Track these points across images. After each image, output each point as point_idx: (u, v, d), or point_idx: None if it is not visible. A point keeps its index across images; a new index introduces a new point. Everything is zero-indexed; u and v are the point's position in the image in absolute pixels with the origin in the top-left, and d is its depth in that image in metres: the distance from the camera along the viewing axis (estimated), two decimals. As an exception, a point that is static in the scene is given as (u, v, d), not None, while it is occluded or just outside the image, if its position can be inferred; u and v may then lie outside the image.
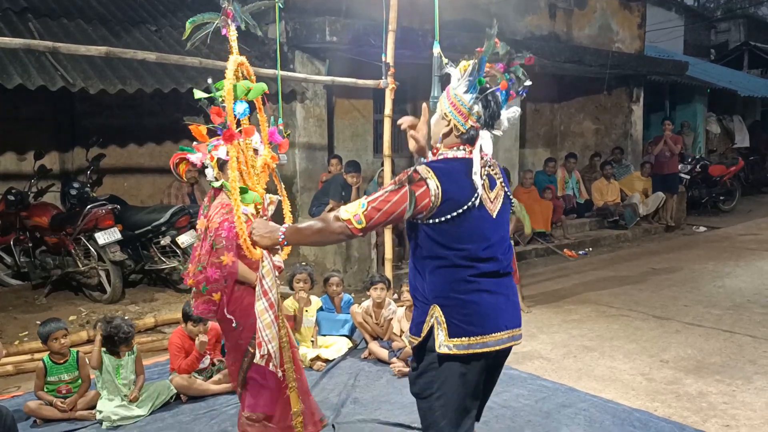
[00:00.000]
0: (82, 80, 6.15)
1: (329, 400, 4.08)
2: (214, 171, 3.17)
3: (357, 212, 2.21)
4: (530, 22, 9.93)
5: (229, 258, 3.00)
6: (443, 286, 2.28)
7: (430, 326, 2.28)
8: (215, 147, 3.16)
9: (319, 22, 7.05)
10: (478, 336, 2.26)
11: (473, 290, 2.27)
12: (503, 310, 2.33)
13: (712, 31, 22.79)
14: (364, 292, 5.63)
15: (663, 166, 10.73)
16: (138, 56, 4.70)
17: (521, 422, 3.70)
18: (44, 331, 3.92)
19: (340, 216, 2.23)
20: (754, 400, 4.01)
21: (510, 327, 2.34)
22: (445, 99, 2.38)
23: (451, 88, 2.37)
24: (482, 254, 2.28)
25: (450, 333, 2.25)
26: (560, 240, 9.25)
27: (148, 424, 3.81)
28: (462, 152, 2.33)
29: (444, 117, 2.36)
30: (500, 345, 2.31)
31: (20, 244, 6.69)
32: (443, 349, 2.25)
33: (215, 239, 3.03)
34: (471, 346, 2.25)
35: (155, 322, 5.58)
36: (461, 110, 2.31)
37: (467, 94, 2.30)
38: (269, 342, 2.75)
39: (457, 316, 2.26)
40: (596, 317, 5.85)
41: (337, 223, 2.23)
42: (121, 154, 7.90)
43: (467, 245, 2.26)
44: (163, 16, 7.97)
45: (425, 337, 2.31)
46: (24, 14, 6.86)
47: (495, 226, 2.34)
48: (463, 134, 2.32)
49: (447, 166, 2.29)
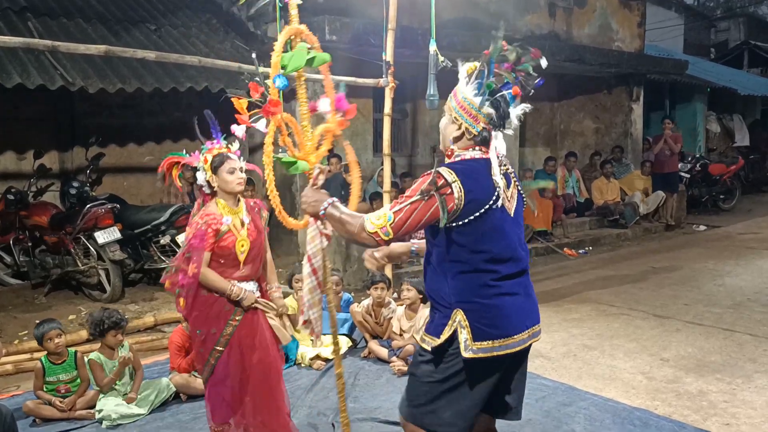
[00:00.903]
0: (81, 79, 6.13)
1: (329, 399, 4.08)
2: (207, 174, 3.16)
3: (384, 225, 2.23)
4: (530, 21, 9.91)
5: (192, 269, 3.02)
6: (466, 291, 2.30)
7: (453, 330, 2.30)
8: (209, 150, 3.15)
9: (318, 21, 7.03)
10: (502, 339, 2.28)
11: (495, 294, 2.30)
12: (524, 309, 2.36)
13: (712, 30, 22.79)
14: (363, 291, 5.62)
15: (663, 165, 10.72)
16: (137, 55, 4.69)
17: (521, 421, 3.66)
18: (38, 333, 3.92)
19: (367, 228, 2.25)
20: (754, 399, 4.01)
21: (530, 326, 2.37)
22: (453, 101, 2.38)
23: (459, 90, 2.36)
24: (504, 255, 2.30)
25: (474, 337, 2.27)
26: (560, 239, 9.24)
27: (148, 423, 3.81)
28: (478, 153, 2.34)
29: (454, 121, 2.36)
30: (522, 345, 2.34)
31: (20, 244, 6.69)
32: (468, 353, 2.27)
33: (188, 248, 3.06)
34: (494, 348, 2.27)
35: (155, 321, 5.58)
36: (471, 113, 2.31)
37: (477, 97, 2.30)
38: (311, 308, 2.74)
39: (481, 320, 2.28)
40: (596, 316, 5.85)
41: (364, 234, 2.26)
42: (121, 154, 7.89)
43: (489, 246, 2.28)
44: (163, 15, 7.96)
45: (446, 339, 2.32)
46: (23, 13, 6.85)
47: (514, 224, 2.37)
48: (476, 137, 2.33)
49: (467, 167, 2.30)
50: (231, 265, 3.15)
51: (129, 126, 7.81)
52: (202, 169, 3.16)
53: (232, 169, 3.14)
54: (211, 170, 3.14)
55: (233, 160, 3.16)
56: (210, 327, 3.13)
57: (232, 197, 3.19)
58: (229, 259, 3.14)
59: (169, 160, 3.26)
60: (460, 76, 2.38)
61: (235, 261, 3.15)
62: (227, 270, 3.14)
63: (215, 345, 3.13)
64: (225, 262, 3.13)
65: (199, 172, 3.19)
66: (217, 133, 3.21)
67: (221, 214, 3.13)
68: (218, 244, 3.10)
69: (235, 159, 3.17)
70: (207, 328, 3.14)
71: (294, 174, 7.65)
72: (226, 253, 3.12)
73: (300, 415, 3.85)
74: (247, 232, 3.18)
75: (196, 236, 3.06)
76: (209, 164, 3.13)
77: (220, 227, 3.10)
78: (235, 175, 3.14)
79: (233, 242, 3.12)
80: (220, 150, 3.17)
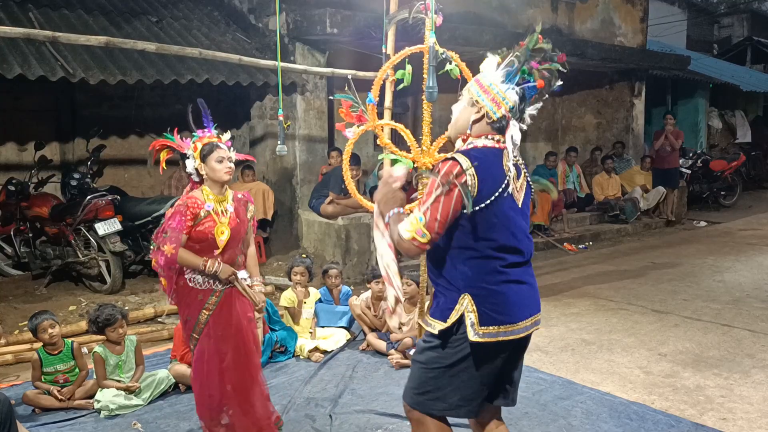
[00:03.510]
0: (82, 71, 6.14)
1: (327, 391, 4.10)
2: (196, 162, 3.19)
3: (418, 227, 2.24)
4: (532, 15, 9.88)
5: (169, 249, 3.04)
6: (475, 276, 2.33)
7: (459, 314, 2.33)
8: (199, 138, 3.18)
9: (319, 14, 7.03)
10: (507, 325, 2.32)
11: (503, 281, 2.33)
12: (528, 297, 2.40)
13: (715, 26, 22.72)
14: (363, 284, 5.63)
15: (664, 161, 10.69)
16: (138, 46, 4.69)
17: (518, 414, 3.70)
18: (32, 325, 3.95)
19: (404, 236, 2.27)
20: (751, 394, 4.02)
21: (533, 314, 2.41)
22: (474, 86, 2.41)
23: (484, 77, 2.39)
24: (510, 243, 2.34)
25: (481, 322, 2.30)
26: (560, 234, 9.25)
27: (147, 413, 3.83)
28: (491, 141, 2.38)
29: (475, 104, 2.39)
30: (524, 332, 2.38)
31: (20, 235, 6.71)
32: (474, 337, 2.30)
33: (165, 227, 3.09)
34: (499, 334, 2.31)
35: (155, 312, 5.60)
36: (495, 98, 2.34)
37: (504, 84, 2.34)
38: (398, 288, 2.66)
39: (488, 306, 2.31)
40: (595, 311, 5.86)
41: (405, 243, 2.28)
42: (122, 145, 7.90)
43: (497, 234, 2.32)
44: (164, 7, 7.96)
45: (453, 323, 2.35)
46: (24, 4, 6.85)
47: (521, 214, 2.40)
48: (494, 122, 2.36)
49: (481, 155, 2.32)
50: (208, 251, 3.17)
51: (130, 118, 7.82)
52: (192, 156, 3.19)
53: (221, 158, 3.17)
54: (200, 158, 3.17)
55: (222, 150, 3.19)
56: (187, 313, 3.20)
57: (218, 186, 3.22)
58: (205, 245, 3.16)
59: (159, 142, 3.29)
60: (485, 67, 2.41)
61: (213, 246, 3.17)
62: (203, 256, 3.17)
63: (192, 332, 3.20)
64: (200, 248, 3.16)
65: (188, 160, 3.22)
66: (208, 122, 3.25)
67: (203, 201, 3.17)
68: (195, 228, 3.13)
69: (225, 149, 3.20)
70: (185, 313, 3.21)
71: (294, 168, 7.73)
72: (202, 239, 3.15)
73: (297, 407, 3.87)
74: (228, 220, 3.21)
75: (174, 216, 3.09)
76: (199, 152, 3.16)
77: (199, 211, 3.14)
78: (223, 164, 3.17)
79: (212, 228, 3.16)
80: (211, 139, 3.20)
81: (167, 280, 3.16)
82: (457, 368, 2.36)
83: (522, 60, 2.33)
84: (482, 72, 2.42)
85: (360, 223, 6.95)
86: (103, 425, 3.70)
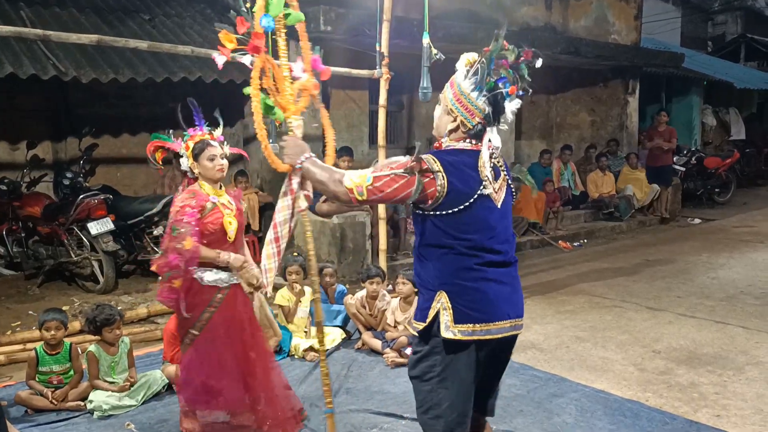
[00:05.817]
0: (74, 69, 6.10)
1: (321, 390, 4.07)
2: (188, 161, 3.19)
3: (361, 185, 2.27)
4: (526, 13, 9.87)
5: (191, 242, 3.00)
6: (449, 273, 2.31)
7: (435, 312, 2.31)
8: (191, 137, 3.17)
9: (313, 12, 6.99)
10: (483, 323, 2.29)
11: (479, 278, 2.31)
12: (508, 299, 2.36)
13: (710, 24, 22.73)
14: (358, 283, 5.62)
15: (657, 159, 10.72)
16: (130, 45, 4.65)
17: (513, 412, 3.70)
18: (41, 318, 3.93)
19: (345, 183, 2.30)
20: (745, 391, 4.03)
21: (512, 317, 2.36)
22: (449, 92, 2.39)
23: (456, 82, 2.37)
24: (487, 244, 2.31)
25: (455, 319, 2.27)
26: (555, 231, 9.26)
27: (140, 414, 3.81)
28: (469, 144, 2.36)
29: (450, 113, 2.37)
30: (503, 333, 2.34)
31: (13, 234, 6.67)
32: (448, 334, 2.27)
33: (174, 224, 3.05)
34: (475, 332, 2.28)
35: (148, 312, 5.56)
36: (468, 107, 2.32)
37: (474, 92, 2.31)
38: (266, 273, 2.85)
39: (463, 303, 2.28)
40: (589, 308, 5.86)
41: (341, 188, 2.31)
42: (115, 144, 7.86)
43: (473, 235, 2.29)
44: (157, 5, 7.91)
45: (430, 322, 2.33)
46: (16, 2, 6.80)
47: (500, 216, 2.37)
48: (470, 130, 2.34)
49: (454, 158, 2.31)
50: (218, 243, 3.16)
51: (123, 116, 7.78)
52: (185, 155, 3.19)
53: (212, 156, 3.16)
54: (192, 157, 3.15)
55: (214, 147, 3.18)
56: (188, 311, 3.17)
57: (212, 183, 3.22)
58: (214, 238, 3.15)
59: (154, 144, 3.28)
60: (458, 66, 2.38)
61: (223, 238, 3.17)
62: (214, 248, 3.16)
63: (190, 329, 3.18)
64: (209, 242, 3.14)
65: (182, 159, 3.22)
66: (200, 120, 3.24)
67: (207, 194, 3.17)
68: (203, 220, 3.11)
69: (216, 146, 3.20)
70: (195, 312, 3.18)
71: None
72: (212, 231, 3.14)
73: (292, 406, 3.85)
74: (233, 212, 3.23)
75: (183, 211, 3.06)
76: (190, 151, 3.15)
77: (206, 203, 3.13)
78: (215, 162, 3.17)
79: (220, 219, 3.15)
80: (203, 137, 3.19)
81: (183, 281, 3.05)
82: (446, 373, 2.33)
83: (485, 69, 2.30)
84: (457, 72, 2.39)
85: (355, 221, 6.93)
86: (96, 426, 3.68)
